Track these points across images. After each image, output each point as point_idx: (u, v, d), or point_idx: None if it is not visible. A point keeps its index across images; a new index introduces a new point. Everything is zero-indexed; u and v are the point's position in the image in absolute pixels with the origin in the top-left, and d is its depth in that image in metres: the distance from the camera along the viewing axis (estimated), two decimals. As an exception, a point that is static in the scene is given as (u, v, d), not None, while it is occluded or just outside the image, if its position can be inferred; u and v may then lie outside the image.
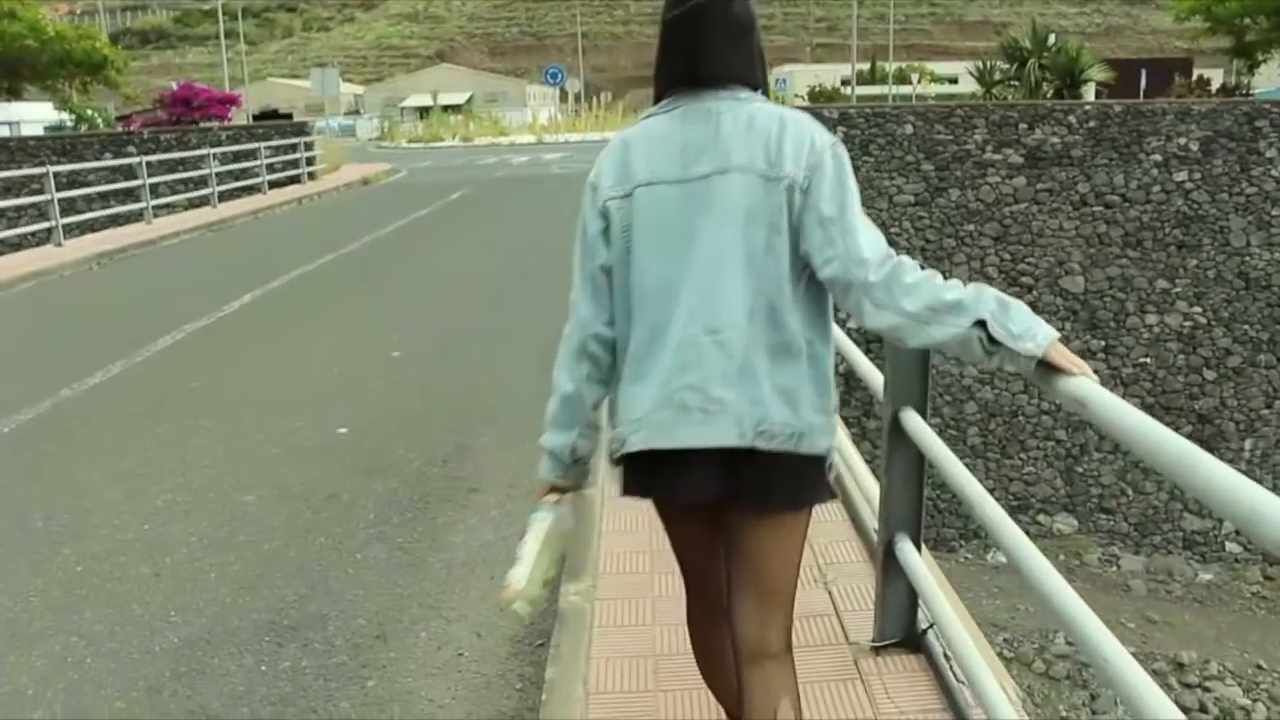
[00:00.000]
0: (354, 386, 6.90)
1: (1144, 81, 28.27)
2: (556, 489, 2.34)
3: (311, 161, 25.12)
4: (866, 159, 18.93)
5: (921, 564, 2.68)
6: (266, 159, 22.62)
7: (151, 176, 19.19)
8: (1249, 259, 18.40)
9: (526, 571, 2.17)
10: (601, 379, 2.17)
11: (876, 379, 3.00)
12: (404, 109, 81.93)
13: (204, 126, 24.85)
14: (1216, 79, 33.19)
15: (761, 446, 1.98)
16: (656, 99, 2.20)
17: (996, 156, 18.78)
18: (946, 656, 2.84)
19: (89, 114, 29.59)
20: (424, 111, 67.22)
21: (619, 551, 3.78)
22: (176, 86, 26.82)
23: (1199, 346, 18.50)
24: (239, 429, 5.99)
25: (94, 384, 7.10)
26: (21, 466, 5.54)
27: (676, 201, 2.05)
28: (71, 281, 12.37)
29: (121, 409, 6.55)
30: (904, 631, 3.01)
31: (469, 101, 78.65)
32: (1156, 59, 44.57)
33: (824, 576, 3.55)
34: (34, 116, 35.38)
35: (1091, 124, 18.62)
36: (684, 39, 2.14)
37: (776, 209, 2.01)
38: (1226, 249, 18.44)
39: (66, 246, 14.50)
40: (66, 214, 17.01)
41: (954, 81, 60.24)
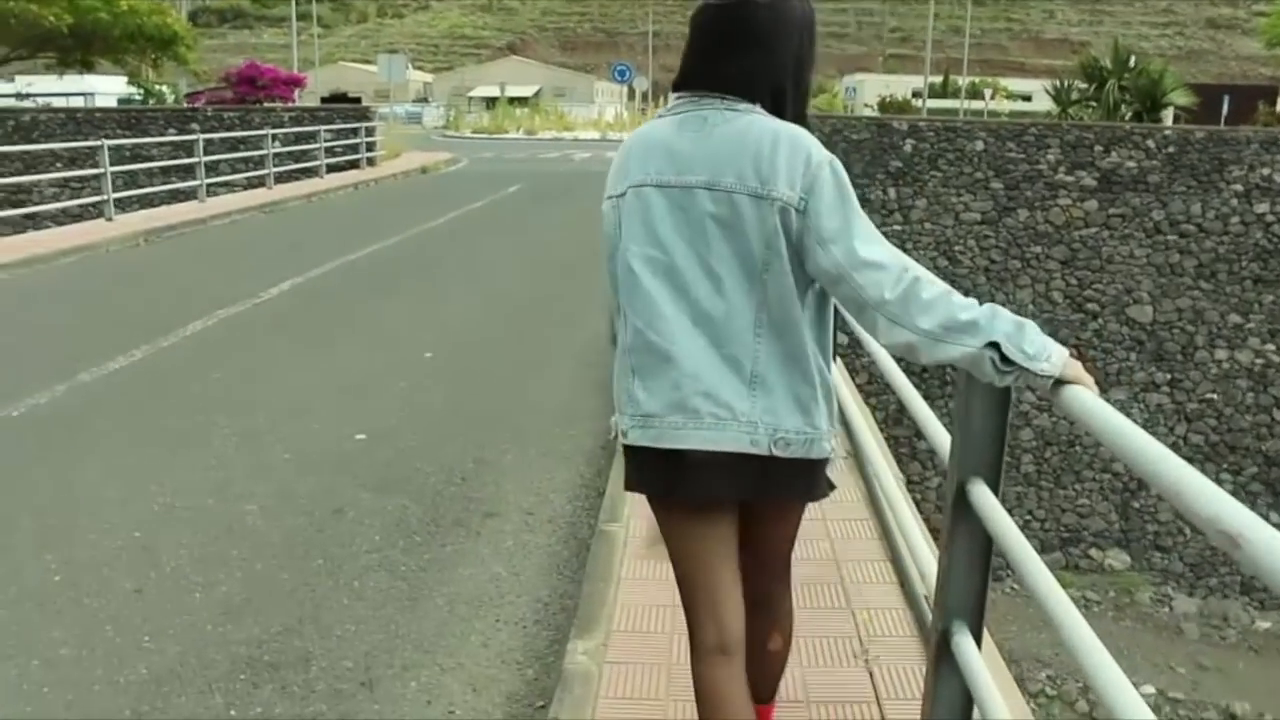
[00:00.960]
0: (379, 387, 6.57)
1: (1226, 108, 27.49)
2: None
3: (372, 147, 25.00)
4: (935, 174, 18.56)
5: (981, 665, 2.26)
6: (326, 142, 22.52)
7: (211, 154, 19.22)
8: None
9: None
10: None
11: (943, 442, 2.58)
12: (471, 99, 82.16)
13: (267, 106, 24.83)
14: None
15: (779, 454, 2.04)
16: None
17: (1069, 178, 18.36)
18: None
19: (156, 89, 29.84)
20: (491, 102, 67.36)
21: (637, 604, 3.39)
22: (243, 65, 26.84)
23: (1270, 385, 17.99)
24: (253, 428, 5.68)
25: (114, 369, 6.83)
26: (23, 456, 5.26)
27: (663, 206, 2.06)
28: (115, 258, 12.21)
29: (136, 398, 6.28)
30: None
31: (537, 95, 78.69)
32: (1240, 85, 43.47)
33: (865, 651, 3.15)
34: (108, 89, 35.79)
35: (1170, 149, 18.11)
36: (696, 40, 2.13)
37: (771, 230, 1.99)
38: None
39: (117, 221, 14.38)
40: (127, 188, 17.15)
41: (1028, 99, 59.37)
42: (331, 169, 22.59)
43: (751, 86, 2.09)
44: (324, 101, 43.35)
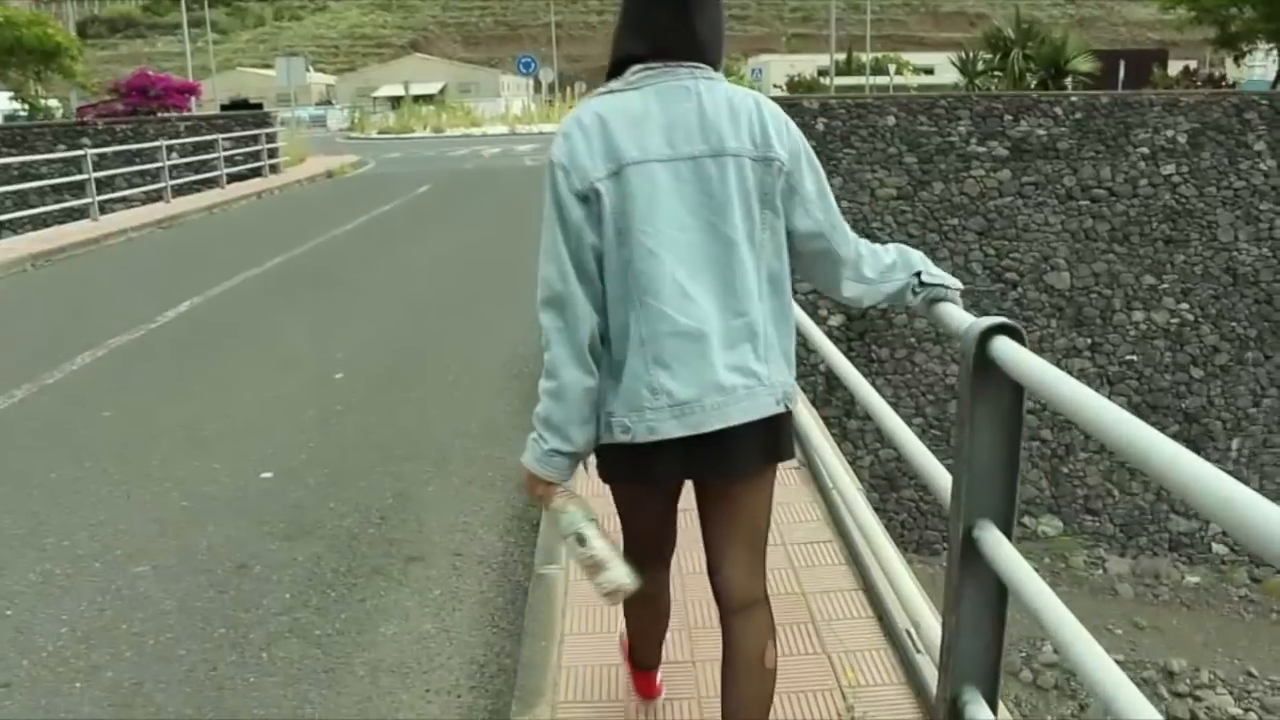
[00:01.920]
0: (287, 417, 6.05)
1: (1122, 73, 27.77)
2: (557, 489, 2.21)
3: (274, 154, 24.15)
4: (848, 151, 18.47)
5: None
6: (226, 151, 21.68)
7: (105, 169, 18.40)
8: (1237, 254, 18.13)
9: (622, 567, 2.15)
10: (597, 369, 2.10)
11: (942, 481, 2.22)
12: (376, 99, 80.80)
13: (161, 117, 23.82)
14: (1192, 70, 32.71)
15: (789, 409, 2.12)
16: (614, 70, 2.13)
17: (981, 149, 18.39)
18: None
19: (42, 104, 28.48)
20: (396, 102, 66.21)
21: (583, 666, 2.98)
22: (133, 75, 25.72)
23: (1186, 344, 18.19)
24: (146, 473, 5.14)
25: (-10, 414, 6.23)
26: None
27: (670, 181, 2.01)
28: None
29: (15, 445, 5.69)
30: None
31: (442, 92, 77.67)
32: (1133, 50, 44.31)
33: (850, 710, 2.72)
34: (4, 107, 34.19)
35: (1078, 115, 18.25)
36: (654, 10, 2.09)
37: (770, 189, 2.05)
38: (1214, 244, 18.16)
39: (2, 245, 13.55)
40: (17, 208, 16.26)
41: (930, 72, 59.99)
42: (233, 178, 21.78)
43: (716, 52, 2.13)
44: (224, 108, 41.97)
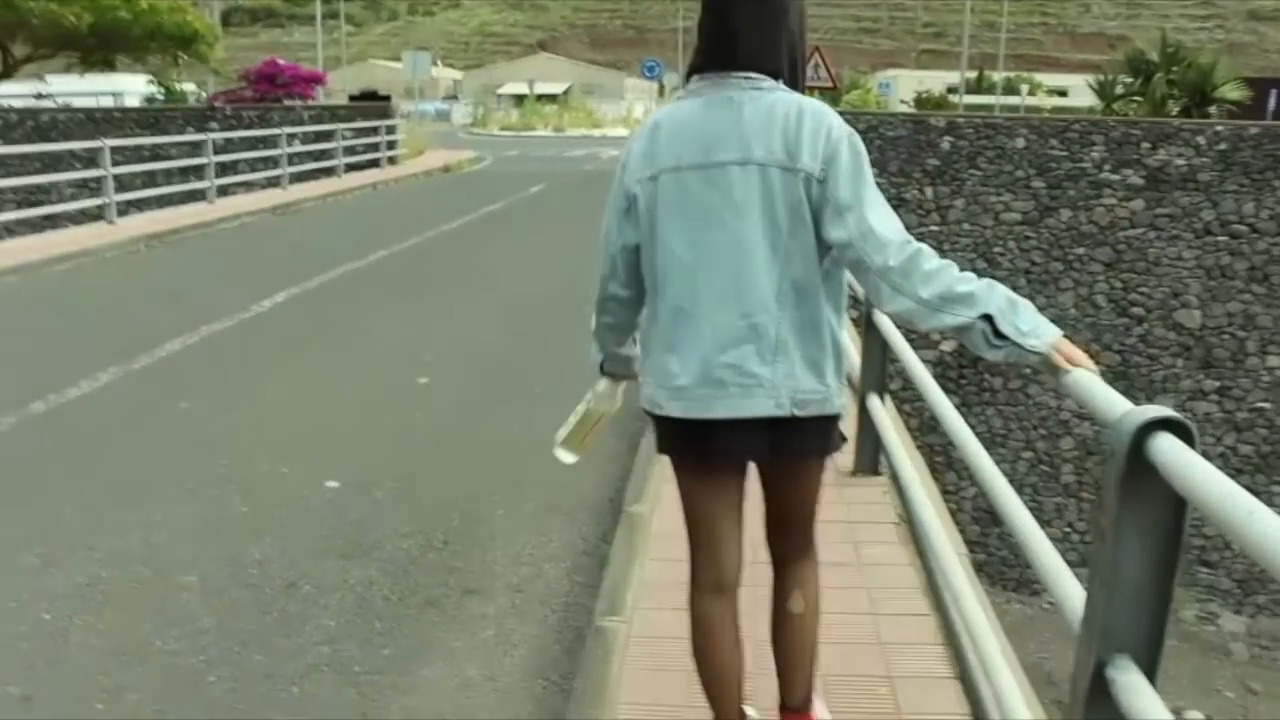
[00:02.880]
0: (364, 422, 5.84)
1: (1273, 103, 26.40)
2: (608, 375, 2.68)
3: (393, 146, 24.40)
4: (974, 172, 17.92)
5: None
6: (346, 141, 21.95)
7: (230, 154, 18.76)
8: None
9: (568, 429, 2.83)
10: (618, 330, 2.50)
11: (1071, 599, 1.84)
12: (501, 96, 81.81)
13: (287, 105, 24.26)
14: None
15: (799, 414, 2.19)
16: (686, 80, 2.27)
17: (1114, 176, 17.68)
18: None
19: (178, 88, 29.29)
20: (520, 99, 66.89)
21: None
22: (262, 63, 26.26)
23: None
24: (211, 474, 4.97)
25: (73, 397, 6.14)
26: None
27: (699, 187, 2.15)
28: (110, 264, 11.59)
29: (87, 435, 5.58)
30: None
31: (566, 92, 78.23)
32: None
33: None
34: (136, 89, 35.34)
35: (1222, 146, 17.40)
36: (717, 22, 2.20)
37: (797, 199, 2.11)
38: None
39: (119, 225, 13.80)
40: (144, 187, 16.71)
41: (1064, 94, 58.28)
42: (351, 168, 22.05)
43: (771, 62, 2.19)
44: (352, 99, 42.88)
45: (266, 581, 3.88)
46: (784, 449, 2.26)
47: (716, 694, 2.42)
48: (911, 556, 3.72)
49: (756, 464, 2.36)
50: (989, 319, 1.99)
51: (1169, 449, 1.45)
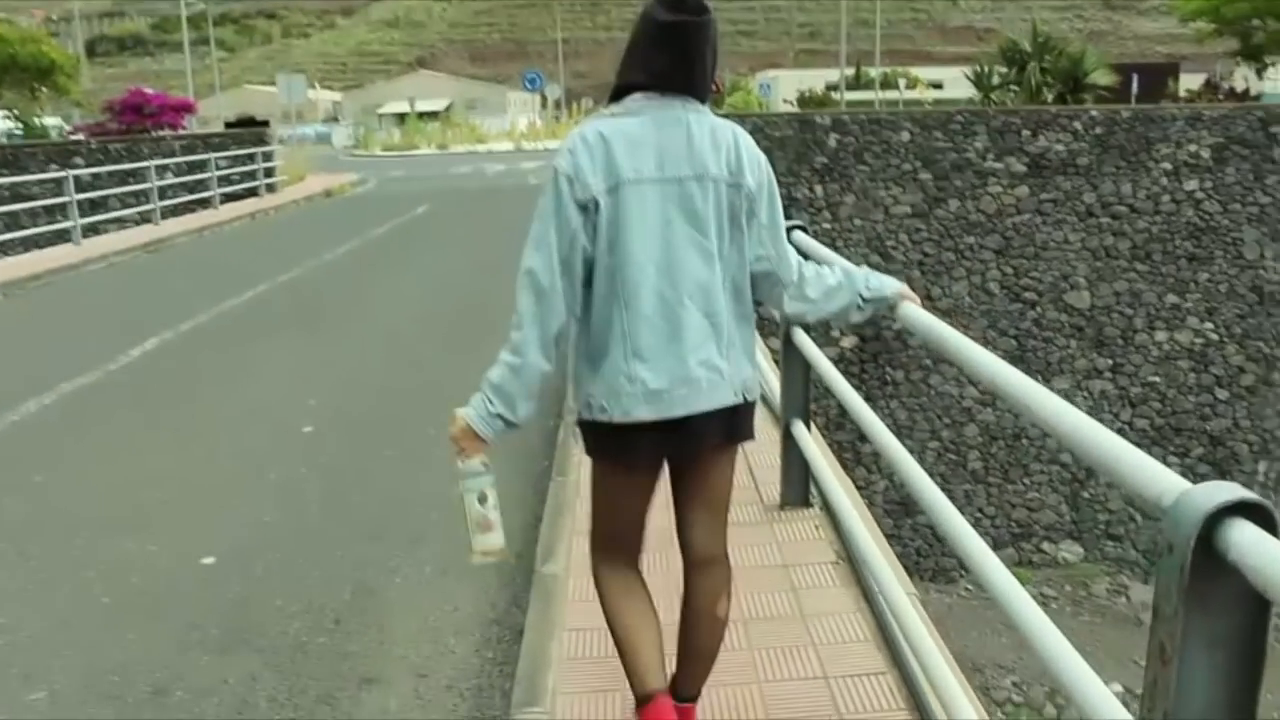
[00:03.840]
0: (243, 482, 5.31)
1: (1135, 87, 27.19)
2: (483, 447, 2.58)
3: (271, 173, 23.54)
4: (862, 168, 17.98)
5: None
6: (222, 170, 21.07)
7: (99, 189, 17.87)
8: (1263, 272, 17.67)
9: (502, 535, 2.65)
10: (552, 360, 2.45)
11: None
12: (382, 116, 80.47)
13: (156, 136, 23.23)
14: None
15: (746, 400, 2.45)
16: (617, 94, 2.41)
17: (998, 165, 17.93)
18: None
19: (37, 123, 27.88)
20: (402, 118, 65.78)
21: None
22: (127, 93, 25.11)
23: (1211, 365, 17.70)
24: (70, 557, 4.41)
25: (-89, 478, 5.51)
26: None
27: (657, 199, 2.31)
28: (-38, 318, 10.78)
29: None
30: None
31: (448, 108, 77.31)
32: (1145, 64, 43.82)
33: None
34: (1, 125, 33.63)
35: (1098, 130, 17.77)
36: (676, 51, 2.33)
37: (736, 210, 2.37)
38: (1240, 262, 17.70)
39: (-27, 274, 12.91)
40: (7, 230, 15.72)
41: (939, 87, 59.49)
42: (229, 198, 21.17)
43: (706, 90, 2.39)
44: (229, 126, 41.43)
45: (130, 688, 3.37)
46: (734, 434, 2.46)
47: (640, 661, 2.49)
48: (856, 600, 3.39)
49: (676, 462, 2.50)
50: (858, 294, 2.52)
51: (1250, 539, 1.13)
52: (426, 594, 3.96)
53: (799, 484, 4.10)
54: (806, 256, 2.75)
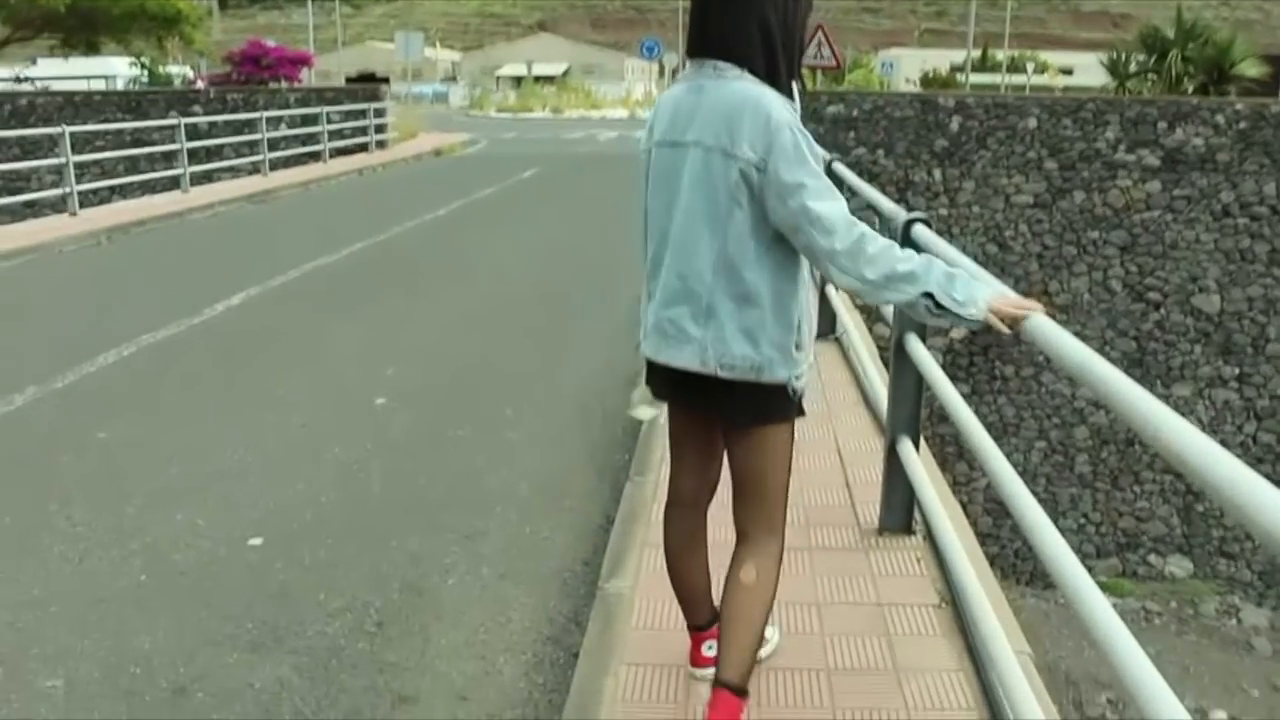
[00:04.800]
0: (306, 456, 5.01)
1: (1286, 80, 25.64)
2: None
3: (382, 129, 23.56)
4: (984, 153, 17.30)
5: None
6: (333, 125, 21.12)
7: (215, 138, 18.07)
8: None
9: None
10: None
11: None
12: (499, 77, 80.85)
13: (272, 88, 23.41)
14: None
15: (724, 376, 2.39)
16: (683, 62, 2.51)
17: (1129, 157, 17.12)
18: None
19: (161, 71, 28.38)
20: (519, 81, 65.97)
21: None
22: (246, 44, 25.37)
23: None
24: (116, 526, 4.17)
25: (-22, 425, 5.36)
26: None
27: (666, 161, 2.43)
28: (67, 259, 10.77)
29: (-14, 472, 4.78)
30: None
31: (565, 73, 77.31)
32: None
33: None
34: (127, 72, 34.43)
35: (1242, 125, 16.83)
36: (693, 11, 2.41)
37: (734, 184, 2.29)
38: None
39: (82, 216, 12.98)
40: (126, 174, 16.02)
41: (1069, 73, 57.46)
42: (339, 153, 21.26)
43: (741, 50, 2.33)
44: (349, 81, 41.92)
45: (149, 685, 3.08)
46: (717, 408, 2.48)
47: (682, 597, 2.79)
48: (959, 657, 2.92)
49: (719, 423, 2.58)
50: (929, 295, 2.21)
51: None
52: (480, 600, 3.60)
53: (901, 509, 3.63)
54: (920, 252, 2.49)
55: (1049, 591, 16.19)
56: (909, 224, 3.40)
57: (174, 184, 15.95)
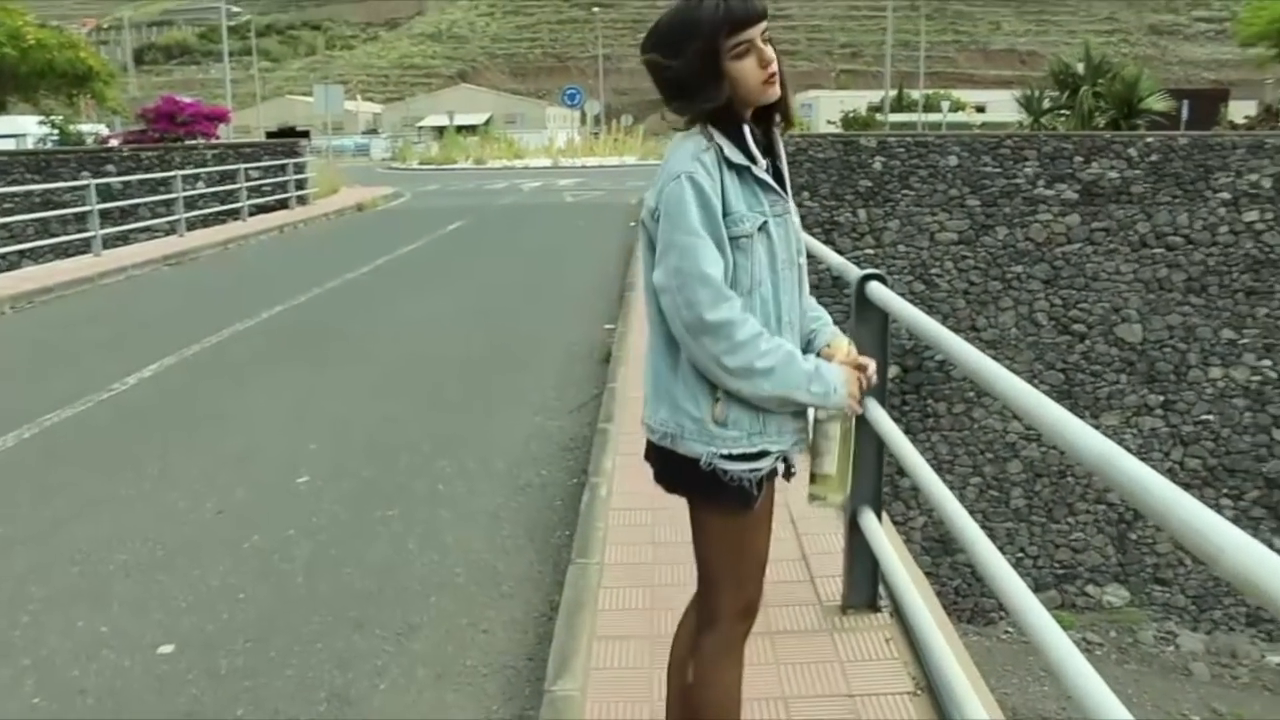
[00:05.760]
0: (221, 546, 4.63)
1: (1185, 113, 26.55)
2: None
3: (303, 185, 23.13)
4: (907, 193, 17.50)
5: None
6: (252, 182, 20.68)
7: (128, 199, 17.59)
8: None
9: (834, 461, 2.34)
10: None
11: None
12: (421, 129, 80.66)
13: (188, 145, 22.90)
14: (1251, 111, 31.47)
15: (649, 436, 2.22)
16: None
17: (1049, 192, 17.48)
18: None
19: (72, 129, 27.66)
20: (441, 131, 65.76)
21: None
22: (160, 100, 24.81)
23: (1269, 404, 16.95)
24: (2, 641, 3.78)
25: None
26: None
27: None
28: (-33, 333, 10.27)
29: None
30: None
31: (488, 123, 77.35)
32: (1195, 90, 43.34)
33: None
34: (36, 130, 33.59)
35: (1154, 158, 17.29)
36: None
37: (650, 239, 2.17)
38: None
39: (-11, 283, 12.47)
40: (35, 238, 15.50)
41: (981, 110, 58.89)
42: (259, 210, 20.83)
43: (681, 108, 2.18)
44: (269, 136, 41.27)
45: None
46: (664, 480, 2.25)
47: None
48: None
49: None
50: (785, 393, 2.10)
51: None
52: (415, 707, 3.27)
53: (866, 584, 3.41)
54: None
55: (990, 628, 16.19)
56: (864, 280, 3.22)
57: (86, 246, 15.40)
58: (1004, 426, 17.04)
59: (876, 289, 3.19)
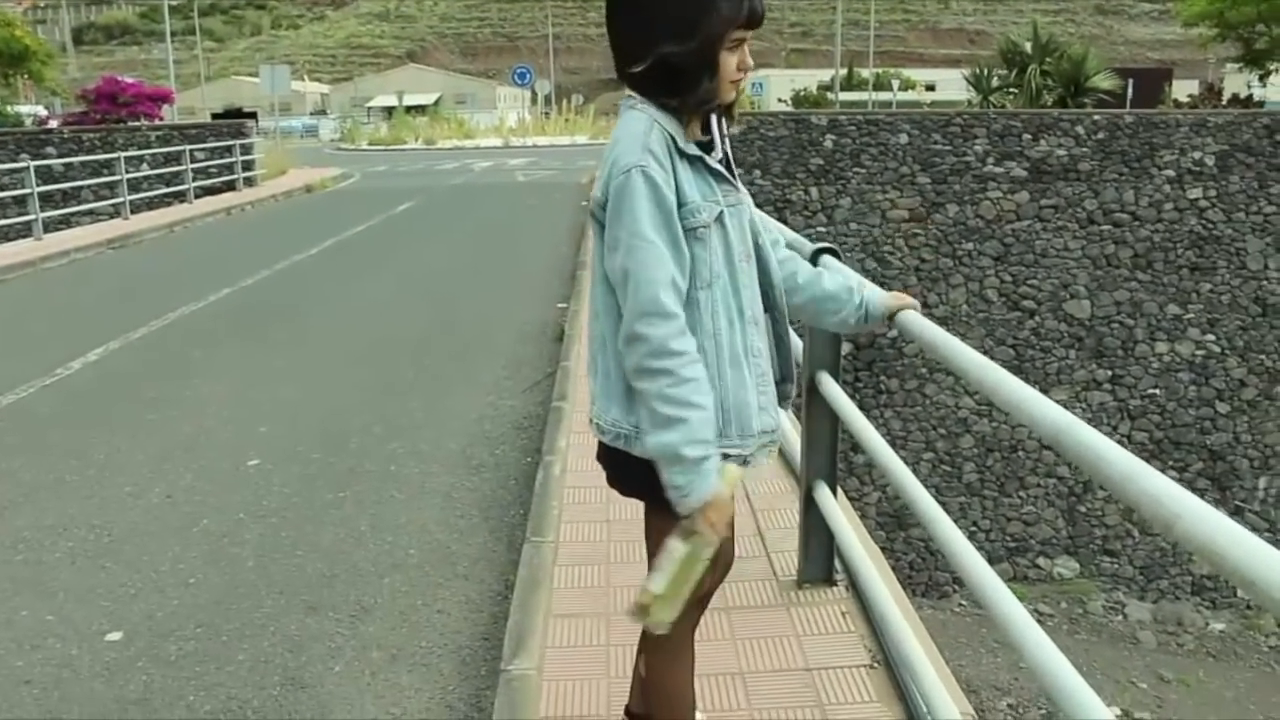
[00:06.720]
0: (171, 531, 4.55)
1: (1130, 91, 26.91)
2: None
3: (250, 166, 22.80)
4: (858, 170, 17.52)
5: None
6: (198, 164, 20.35)
7: (70, 181, 17.23)
8: (1266, 283, 17.40)
9: (665, 582, 1.99)
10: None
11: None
12: (370, 109, 79.79)
13: (131, 126, 22.46)
14: (1194, 90, 31.99)
15: (599, 438, 2.10)
16: None
17: (999, 169, 17.58)
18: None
19: (10, 110, 27.05)
20: (390, 111, 65.07)
21: None
22: (101, 81, 24.28)
23: (1212, 377, 17.37)
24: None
25: None
26: None
27: None
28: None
29: None
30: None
31: (437, 103, 76.64)
32: (1140, 69, 43.92)
33: None
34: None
35: (1100, 135, 17.42)
36: None
37: (600, 225, 2.02)
38: (1243, 272, 17.43)
39: (-78, 272, 12.16)
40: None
41: (931, 88, 59.29)
42: (205, 192, 20.51)
43: (628, 73, 2.03)
44: (215, 117, 40.61)
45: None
46: (612, 479, 2.17)
47: None
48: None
49: None
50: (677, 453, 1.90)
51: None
52: (370, 689, 3.23)
53: (822, 559, 3.42)
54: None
55: (944, 601, 16.38)
56: (817, 254, 3.21)
57: (28, 230, 15.07)
58: (956, 402, 17.20)
59: (830, 263, 3.18)
